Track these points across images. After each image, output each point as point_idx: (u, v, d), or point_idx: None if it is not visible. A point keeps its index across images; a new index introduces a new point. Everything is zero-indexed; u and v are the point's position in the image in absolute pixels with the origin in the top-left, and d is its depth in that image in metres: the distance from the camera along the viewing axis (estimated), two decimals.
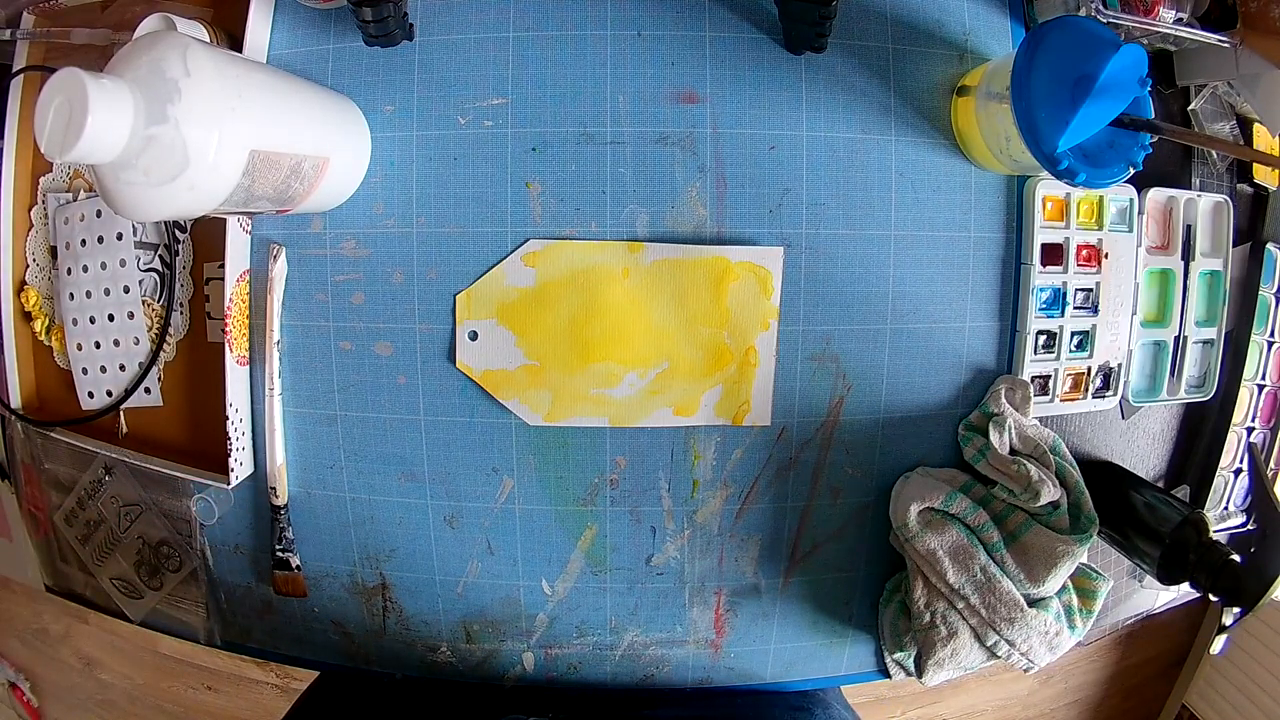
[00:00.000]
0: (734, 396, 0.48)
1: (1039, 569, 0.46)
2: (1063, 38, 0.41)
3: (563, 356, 0.46)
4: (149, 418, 0.53)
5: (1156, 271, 0.53)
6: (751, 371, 0.48)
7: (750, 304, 0.47)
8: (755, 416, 0.48)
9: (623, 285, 0.46)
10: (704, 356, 0.47)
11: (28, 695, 1.48)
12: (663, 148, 0.47)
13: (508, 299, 0.46)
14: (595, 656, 0.52)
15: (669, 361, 0.47)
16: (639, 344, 0.47)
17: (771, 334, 0.47)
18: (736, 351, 0.47)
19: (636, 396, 0.47)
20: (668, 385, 0.47)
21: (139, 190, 0.32)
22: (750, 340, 0.47)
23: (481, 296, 0.45)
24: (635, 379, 0.47)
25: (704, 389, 0.48)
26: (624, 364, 0.47)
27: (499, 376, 0.47)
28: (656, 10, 0.46)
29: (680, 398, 0.48)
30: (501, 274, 0.45)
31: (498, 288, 0.45)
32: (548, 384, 0.47)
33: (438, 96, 0.47)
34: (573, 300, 0.46)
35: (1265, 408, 0.60)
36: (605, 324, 0.46)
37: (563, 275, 0.45)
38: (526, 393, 0.47)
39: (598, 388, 0.47)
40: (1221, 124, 0.55)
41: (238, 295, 0.48)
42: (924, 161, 0.48)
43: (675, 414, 0.48)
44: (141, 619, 0.57)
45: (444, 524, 0.50)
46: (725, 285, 0.46)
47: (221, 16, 0.49)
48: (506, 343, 0.46)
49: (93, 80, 0.29)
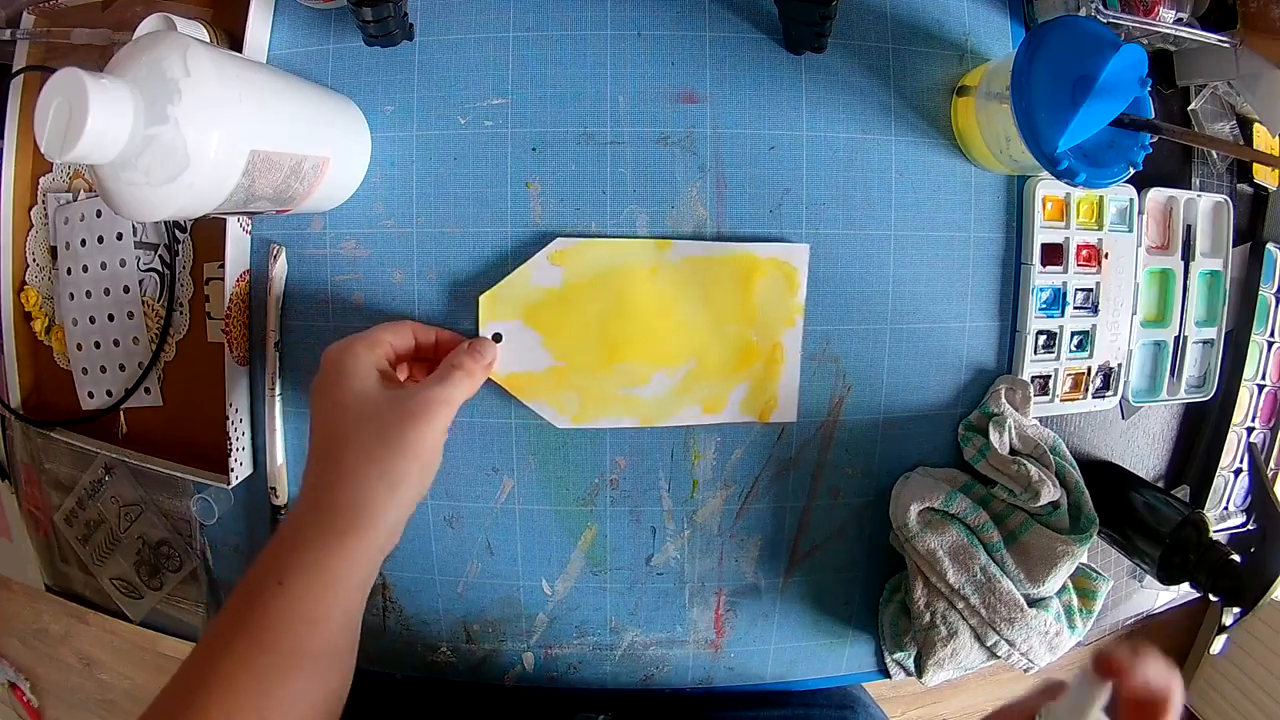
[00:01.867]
0: (761, 393, 0.48)
1: (1039, 569, 0.46)
2: (1063, 38, 0.41)
3: (590, 357, 0.46)
4: (149, 418, 0.53)
5: (1156, 271, 0.53)
6: (778, 368, 0.47)
7: (777, 301, 0.47)
8: (781, 413, 0.48)
9: (651, 283, 0.45)
10: (731, 354, 0.47)
11: (28, 695, 1.48)
12: (663, 148, 0.47)
13: (535, 299, 0.44)
14: (595, 656, 0.52)
15: (696, 360, 0.46)
16: (667, 342, 0.46)
17: (797, 330, 0.47)
18: (763, 349, 0.47)
19: (665, 396, 0.47)
20: (696, 384, 0.47)
21: (139, 190, 0.32)
22: (777, 337, 0.47)
23: (507, 297, 0.44)
24: (663, 378, 0.46)
25: (731, 386, 0.47)
26: (652, 363, 0.46)
27: (524, 380, 0.45)
28: (656, 10, 0.46)
29: (708, 395, 0.47)
30: (528, 273, 0.44)
31: (524, 288, 0.44)
32: (575, 385, 0.46)
33: (438, 96, 0.47)
34: (601, 299, 0.45)
35: (1265, 408, 0.60)
36: (634, 323, 0.45)
37: (590, 274, 0.44)
38: (553, 395, 0.46)
39: (625, 388, 0.46)
40: (1221, 124, 0.55)
41: (238, 295, 0.48)
42: (924, 161, 0.48)
43: (705, 412, 0.47)
44: (141, 619, 0.57)
45: (444, 524, 0.50)
46: (753, 282, 0.46)
47: (221, 16, 0.49)
48: (534, 344, 0.45)
49: (93, 80, 0.30)
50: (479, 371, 0.41)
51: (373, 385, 0.37)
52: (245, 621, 0.31)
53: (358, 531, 0.34)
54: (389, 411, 0.36)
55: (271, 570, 0.33)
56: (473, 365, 0.40)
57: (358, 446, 0.35)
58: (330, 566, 0.33)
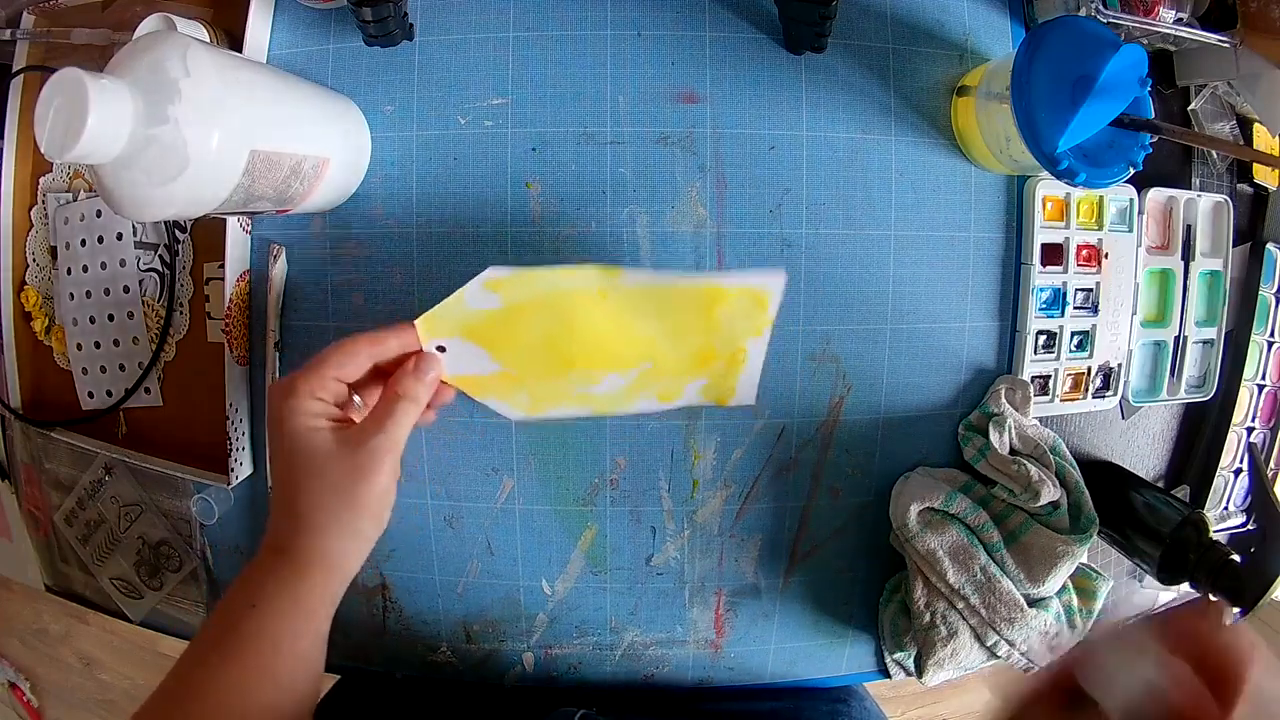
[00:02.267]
0: (719, 386, 0.45)
1: (1039, 569, 0.46)
2: (1063, 38, 0.41)
3: (539, 367, 0.43)
4: (149, 418, 0.53)
5: (1156, 271, 0.53)
6: (739, 366, 0.45)
7: (742, 319, 0.43)
8: (739, 399, 0.46)
9: (600, 306, 0.41)
10: (689, 358, 0.44)
11: (28, 695, 1.48)
12: (663, 148, 0.47)
13: (472, 320, 0.41)
14: (595, 656, 0.52)
15: (652, 362, 0.44)
16: (621, 351, 0.43)
17: (763, 339, 0.44)
18: (724, 353, 0.44)
19: (618, 392, 0.45)
20: (651, 382, 0.45)
21: (139, 190, 0.32)
22: (740, 344, 0.44)
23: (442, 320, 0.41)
24: (617, 379, 0.44)
25: (688, 382, 0.45)
26: (606, 368, 0.44)
27: (472, 380, 0.43)
28: (656, 10, 0.46)
29: (663, 389, 0.45)
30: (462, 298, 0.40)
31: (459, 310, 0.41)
32: (525, 387, 0.44)
33: (438, 96, 0.47)
34: (546, 319, 0.42)
35: (1265, 408, 0.60)
36: (584, 340, 0.42)
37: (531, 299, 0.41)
38: (503, 392, 0.44)
39: (580, 387, 0.44)
40: (1221, 124, 0.55)
41: (238, 295, 0.48)
42: (924, 161, 0.48)
43: (660, 401, 0.46)
44: (141, 619, 0.57)
45: (444, 524, 0.50)
46: (715, 310, 0.42)
47: (221, 16, 0.49)
48: (478, 355, 0.42)
49: (93, 80, 0.30)
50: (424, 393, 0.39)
51: (319, 438, 0.37)
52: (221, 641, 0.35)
53: (320, 571, 0.37)
54: (336, 467, 0.36)
55: (245, 594, 0.36)
56: (416, 387, 0.39)
57: (312, 499, 0.37)
58: (297, 595, 0.36)
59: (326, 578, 0.37)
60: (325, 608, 0.38)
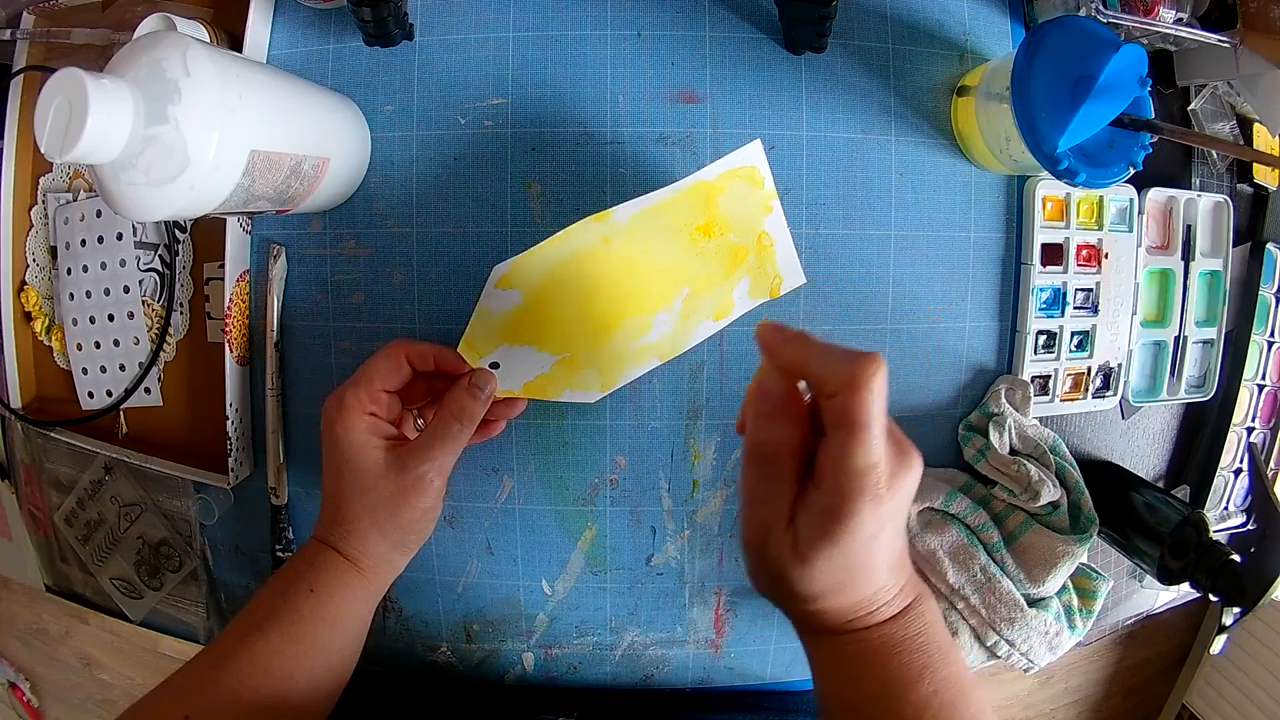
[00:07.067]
0: (762, 278, 0.46)
1: (1039, 569, 0.46)
2: (1063, 38, 0.41)
3: (587, 339, 0.44)
4: (149, 418, 0.53)
5: (1156, 271, 0.53)
6: (770, 251, 0.46)
7: (745, 202, 0.44)
8: (789, 284, 0.47)
9: (609, 253, 0.42)
10: (720, 264, 0.45)
11: (28, 695, 1.48)
12: (663, 148, 0.47)
13: (506, 324, 0.42)
14: (595, 656, 0.52)
15: (689, 286, 0.45)
16: (652, 290, 0.44)
17: (777, 213, 0.45)
18: (749, 244, 0.45)
19: (673, 329, 0.46)
20: (697, 305, 0.46)
21: (139, 190, 0.32)
22: (759, 228, 0.45)
23: (480, 337, 0.42)
24: (665, 316, 0.45)
25: (731, 288, 0.46)
26: (649, 311, 0.45)
27: (539, 383, 0.44)
28: (656, 10, 0.46)
29: (713, 306, 0.46)
30: (487, 310, 0.42)
31: (490, 322, 0.42)
32: (588, 364, 0.45)
33: (438, 96, 0.47)
34: (570, 291, 0.43)
35: (1265, 408, 0.60)
36: (611, 293, 0.43)
37: (544, 278, 0.42)
38: (573, 380, 0.45)
39: (635, 341, 0.45)
40: (1221, 124, 0.55)
41: (238, 295, 0.48)
42: (924, 161, 0.48)
43: (716, 320, 0.46)
44: (141, 619, 0.57)
45: (444, 524, 0.50)
46: (714, 201, 0.43)
47: (221, 16, 0.49)
48: (530, 355, 0.43)
49: (93, 80, 0.30)
50: (478, 409, 0.41)
51: (370, 457, 0.39)
52: (281, 618, 0.38)
53: (370, 568, 0.41)
54: (384, 487, 0.39)
55: (303, 579, 0.39)
56: (470, 403, 0.40)
57: (359, 511, 0.39)
58: (349, 586, 0.40)
59: (375, 574, 0.41)
60: (373, 600, 0.42)
